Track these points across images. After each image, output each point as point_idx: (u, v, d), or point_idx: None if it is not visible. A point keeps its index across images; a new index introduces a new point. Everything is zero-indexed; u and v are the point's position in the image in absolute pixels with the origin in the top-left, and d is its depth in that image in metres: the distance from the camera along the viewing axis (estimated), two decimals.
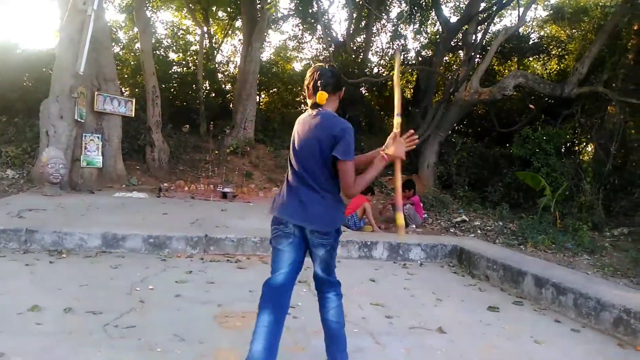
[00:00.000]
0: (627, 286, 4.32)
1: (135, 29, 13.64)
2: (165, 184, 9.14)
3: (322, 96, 2.27)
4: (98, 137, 8.43)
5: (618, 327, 3.30)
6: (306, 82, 2.35)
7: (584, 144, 11.92)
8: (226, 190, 8.78)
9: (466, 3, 14.26)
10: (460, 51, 14.34)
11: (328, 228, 2.26)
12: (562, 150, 10.50)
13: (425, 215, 8.10)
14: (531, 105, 12.16)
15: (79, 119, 7.89)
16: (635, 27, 9.62)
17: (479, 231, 7.33)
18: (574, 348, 3.05)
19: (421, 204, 8.03)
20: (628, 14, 8.94)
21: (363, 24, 17.27)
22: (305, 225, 2.25)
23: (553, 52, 13.58)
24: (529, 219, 7.52)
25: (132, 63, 14.12)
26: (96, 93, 8.39)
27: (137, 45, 13.07)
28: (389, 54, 17.69)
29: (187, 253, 4.67)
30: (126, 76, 13.81)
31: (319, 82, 2.28)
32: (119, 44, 15.06)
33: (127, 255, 4.44)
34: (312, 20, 16.16)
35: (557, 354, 2.91)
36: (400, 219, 2.39)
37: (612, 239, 7.02)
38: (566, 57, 13.09)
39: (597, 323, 3.46)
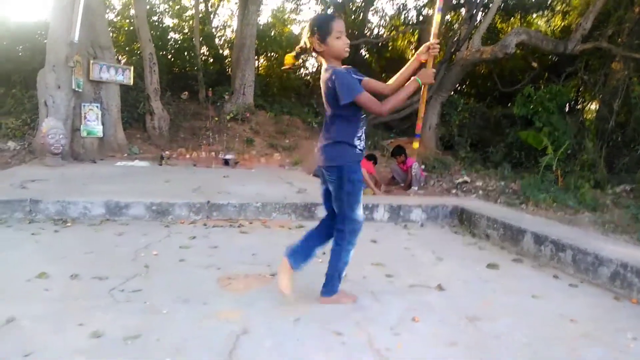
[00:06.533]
0: (627, 242, 4.35)
1: None
2: (166, 152, 9.15)
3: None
4: (97, 107, 8.39)
5: (615, 282, 3.35)
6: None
7: (587, 101, 11.79)
8: (228, 157, 8.81)
9: None
10: (462, 9, 14.01)
11: (328, 163, 2.56)
12: (565, 108, 10.40)
13: (426, 174, 8.13)
14: (534, 64, 11.98)
15: (77, 89, 7.82)
16: None
17: (480, 192, 7.35)
18: (571, 302, 3.11)
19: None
20: None
21: None
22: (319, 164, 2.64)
23: (557, 8, 13.26)
24: (530, 178, 7.53)
25: (126, 30, 13.89)
26: (92, 62, 8.29)
27: (132, 11, 12.80)
28: (389, 13, 17.33)
29: (190, 219, 4.72)
30: (122, 44, 13.60)
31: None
32: (113, 11, 14.77)
33: (131, 222, 4.49)
34: None
35: (554, 307, 2.96)
36: (416, 144, 2.98)
37: (614, 196, 7.02)
38: (570, 12, 12.79)
39: (595, 278, 3.51)
